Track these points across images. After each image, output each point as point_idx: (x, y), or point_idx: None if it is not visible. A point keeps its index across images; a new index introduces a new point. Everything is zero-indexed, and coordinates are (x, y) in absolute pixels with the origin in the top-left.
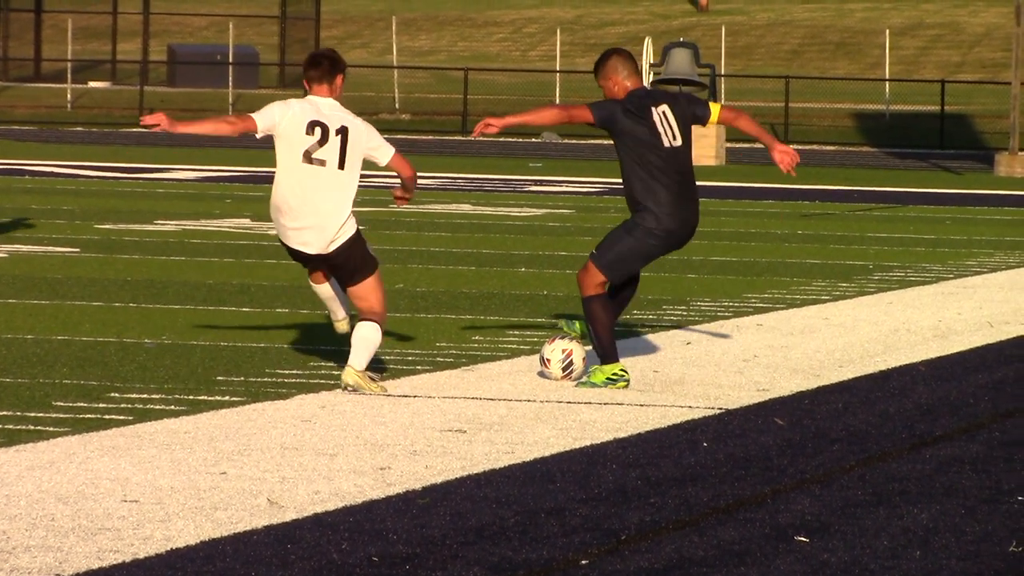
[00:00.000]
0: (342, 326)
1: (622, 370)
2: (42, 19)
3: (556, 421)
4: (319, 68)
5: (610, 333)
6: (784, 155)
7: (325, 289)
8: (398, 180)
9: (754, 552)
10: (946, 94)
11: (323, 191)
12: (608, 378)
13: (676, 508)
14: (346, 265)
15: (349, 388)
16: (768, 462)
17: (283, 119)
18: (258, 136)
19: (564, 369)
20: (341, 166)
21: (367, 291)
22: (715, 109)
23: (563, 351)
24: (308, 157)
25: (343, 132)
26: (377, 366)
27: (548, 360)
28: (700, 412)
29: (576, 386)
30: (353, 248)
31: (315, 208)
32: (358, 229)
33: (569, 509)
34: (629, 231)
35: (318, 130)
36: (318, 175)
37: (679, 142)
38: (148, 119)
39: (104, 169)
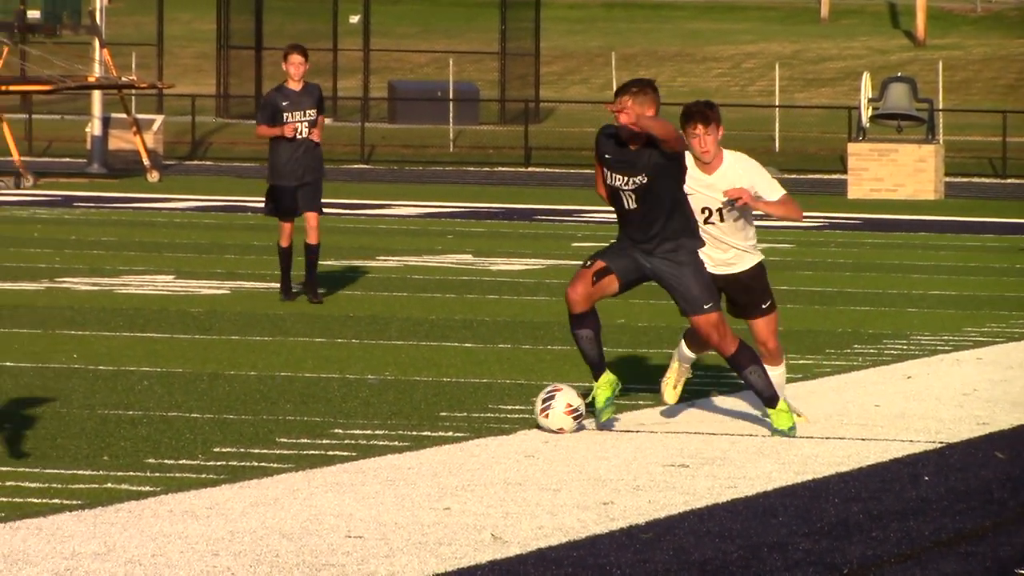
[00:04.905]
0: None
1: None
2: (262, 56)
3: (778, 455)
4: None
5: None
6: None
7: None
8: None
9: None
10: None
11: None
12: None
13: (898, 542)
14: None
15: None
16: (989, 495)
17: None
18: None
19: (575, 420)
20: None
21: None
22: None
23: (568, 404)
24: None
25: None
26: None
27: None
28: (921, 446)
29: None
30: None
31: None
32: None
33: (791, 543)
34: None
35: None
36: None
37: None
38: (732, 192)
39: (326, 206)
